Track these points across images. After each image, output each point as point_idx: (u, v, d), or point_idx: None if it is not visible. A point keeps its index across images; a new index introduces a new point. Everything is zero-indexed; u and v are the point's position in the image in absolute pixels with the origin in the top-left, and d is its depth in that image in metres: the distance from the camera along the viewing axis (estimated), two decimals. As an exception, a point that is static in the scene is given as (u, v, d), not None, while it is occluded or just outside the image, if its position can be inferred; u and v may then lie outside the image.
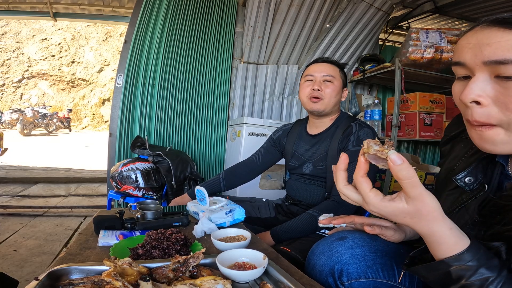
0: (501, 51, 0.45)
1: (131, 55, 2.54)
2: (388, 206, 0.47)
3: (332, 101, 1.28)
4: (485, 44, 0.47)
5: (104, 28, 16.60)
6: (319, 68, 1.30)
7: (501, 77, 0.46)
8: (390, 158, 0.44)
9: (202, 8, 2.80)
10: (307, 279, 0.67)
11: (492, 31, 0.47)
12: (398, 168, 0.43)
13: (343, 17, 2.97)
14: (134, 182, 2.01)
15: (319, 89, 1.26)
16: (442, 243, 0.47)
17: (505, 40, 0.45)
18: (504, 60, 0.45)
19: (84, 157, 7.23)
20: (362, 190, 0.49)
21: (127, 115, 2.52)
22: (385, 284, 0.70)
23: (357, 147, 1.19)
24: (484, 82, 0.48)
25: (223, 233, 0.90)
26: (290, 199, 1.41)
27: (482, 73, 0.48)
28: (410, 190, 0.44)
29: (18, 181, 4.38)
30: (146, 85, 2.60)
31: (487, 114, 0.48)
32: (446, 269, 0.47)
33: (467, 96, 0.49)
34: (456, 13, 3.15)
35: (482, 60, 0.47)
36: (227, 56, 2.88)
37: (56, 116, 12.77)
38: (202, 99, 2.80)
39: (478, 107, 0.49)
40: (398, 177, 0.44)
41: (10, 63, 15.22)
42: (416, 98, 2.62)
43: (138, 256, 0.73)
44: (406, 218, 0.47)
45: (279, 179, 2.55)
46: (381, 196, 0.48)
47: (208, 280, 0.57)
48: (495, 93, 0.47)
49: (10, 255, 1.93)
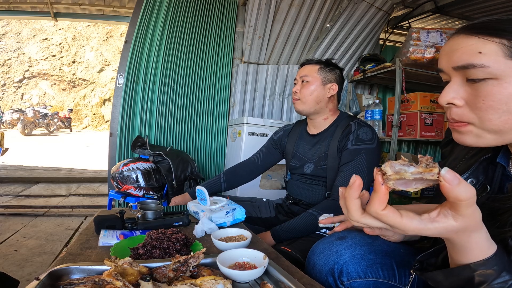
0: (465, 56, 0.50)
1: (132, 55, 2.54)
2: (431, 228, 0.41)
3: (310, 100, 1.30)
4: (454, 50, 0.52)
5: (104, 28, 16.62)
6: (299, 71, 1.38)
7: (470, 80, 0.51)
8: (445, 178, 0.37)
9: (202, 8, 2.80)
10: (308, 279, 0.67)
11: (460, 37, 0.52)
12: (457, 189, 0.37)
13: (343, 17, 2.97)
14: (135, 182, 2.01)
15: (296, 91, 1.34)
16: (475, 249, 0.44)
17: (469, 45, 0.50)
18: (467, 64, 0.49)
19: (84, 157, 7.24)
20: (391, 221, 0.42)
21: (127, 115, 2.53)
22: (385, 283, 0.70)
23: (356, 146, 1.20)
24: (458, 86, 0.53)
25: (223, 233, 0.90)
26: (290, 199, 1.41)
27: (456, 77, 0.53)
28: (464, 210, 0.39)
29: (19, 181, 4.38)
30: (146, 85, 2.60)
31: (460, 113, 0.53)
32: (470, 274, 0.44)
33: (442, 99, 0.54)
34: (457, 13, 3.14)
35: (452, 66, 0.52)
36: (227, 56, 2.89)
37: (57, 116, 12.78)
38: (202, 99, 2.80)
39: (454, 108, 0.54)
40: (457, 199, 0.38)
41: (11, 63, 15.24)
42: (417, 98, 2.62)
43: (138, 256, 0.73)
44: (450, 234, 0.43)
45: (280, 179, 2.55)
46: (418, 219, 0.42)
47: (209, 280, 0.57)
48: (467, 95, 0.52)
49: (11, 255, 1.93)
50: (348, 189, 0.45)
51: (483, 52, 0.48)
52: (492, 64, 0.48)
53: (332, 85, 1.33)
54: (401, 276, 0.72)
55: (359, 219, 0.45)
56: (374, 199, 0.42)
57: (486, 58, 0.48)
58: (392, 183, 0.40)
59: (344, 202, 0.46)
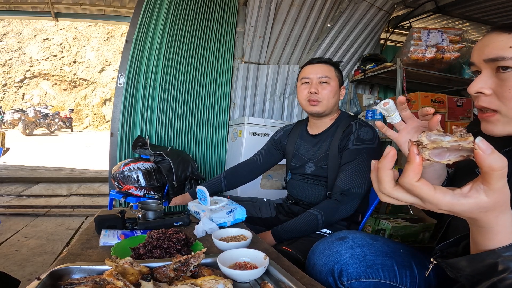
0: (495, 50, 0.56)
1: (133, 55, 2.54)
2: (464, 203, 0.41)
3: (331, 102, 1.28)
4: (485, 45, 0.58)
5: (105, 28, 16.62)
6: (314, 70, 1.29)
7: (499, 71, 0.56)
8: (480, 147, 0.37)
9: (203, 8, 2.80)
10: (308, 279, 0.67)
11: (491, 35, 0.58)
12: (491, 158, 0.37)
13: (344, 16, 2.97)
14: (136, 181, 2.01)
15: (316, 92, 1.26)
16: (501, 232, 0.43)
17: (499, 41, 0.56)
18: (498, 57, 0.56)
19: (85, 157, 7.25)
20: (425, 194, 0.41)
21: (128, 115, 2.53)
22: (385, 284, 0.70)
23: (357, 146, 1.20)
24: (487, 77, 0.59)
25: (224, 232, 0.90)
26: (291, 199, 1.41)
27: (486, 69, 0.59)
28: (496, 182, 0.39)
29: (20, 180, 4.39)
30: (147, 85, 2.60)
31: (488, 101, 0.59)
32: (495, 260, 0.44)
33: (471, 89, 0.60)
34: (458, 12, 3.14)
35: (483, 59, 0.58)
36: (228, 56, 2.89)
37: (57, 116, 12.78)
38: (203, 99, 2.81)
39: (482, 96, 0.60)
40: (490, 168, 0.38)
41: (12, 63, 15.26)
42: (418, 98, 2.61)
43: (139, 256, 0.73)
44: (481, 213, 0.42)
45: (280, 179, 2.55)
46: (451, 194, 0.41)
47: (209, 280, 0.57)
48: (495, 85, 0.58)
49: (12, 254, 1.93)
50: (382, 159, 0.43)
51: None
52: None
53: (343, 88, 1.35)
54: (402, 277, 0.71)
55: (391, 192, 0.44)
56: (408, 170, 0.41)
57: None
58: (428, 153, 0.39)
59: (376, 174, 0.45)
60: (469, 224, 0.47)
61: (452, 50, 2.55)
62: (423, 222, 2.19)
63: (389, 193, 0.44)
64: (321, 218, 1.13)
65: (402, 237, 2.08)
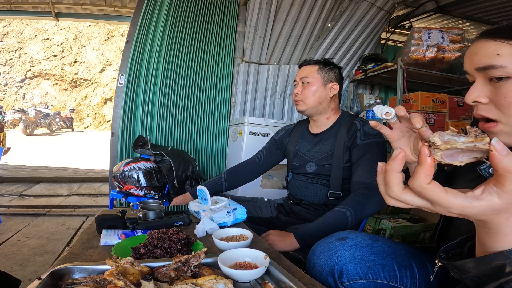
0: (484, 59, 0.55)
1: (133, 54, 2.54)
2: (476, 206, 0.39)
3: (311, 100, 1.30)
4: (474, 54, 0.57)
5: (106, 28, 16.63)
6: (299, 72, 1.37)
7: (492, 80, 0.55)
8: (496, 148, 0.36)
9: (203, 8, 2.80)
10: (309, 279, 0.67)
11: (480, 42, 0.57)
12: (506, 159, 0.36)
13: (344, 16, 2.97)
14: (136, 181, 2.01)
15: (297, 93, 1.33)
16: (510, 234, 0.42)
17: (487, 48, 0.55)
18: (487, 65, 0.54)
19: (86, 157, 7.25)
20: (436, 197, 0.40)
21: (129, 114, 2.53)
22: (386, 285, 0.69)
23: (365, 140, 1.20)
24: (482, 85, 0.57)
25: (224, 232, 0.90)
26: (292, 199, 1.41)
27: (480, 78, 0.58)
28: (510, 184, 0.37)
29: (20, 180, 4.40)
30: (148, 84, 2.60)
31: (487, 109, 0.57)
32: (503, 261, 0.43)
33: (467, 98, 0.59)
34: (458, 12, 3.13)
35: (474, 68, 0.57)
36: (228, 56, 2.89)
37: (58, 115, 12.81)
38: (203, 98, 2.81)
39: (480, 105, 0.58)
40: (505, 169, 0.36)
41: (13, 63, 15.28)
42: (418, 97, 2.61)
43: (140, 256, 0.73)
44: (492, 215, 0.40)
45: (281, 178, 2.55)
46: (463, 196, 0.39)
47: (210, 280, 0.57)
48: (490, 93, 0.57)
49: (13, 254, 1.94)
50: (390, 161, 0.42)
51: (501, 54, 0.53)
52: (509, 64, 0.52)
53: (333, 85, 1.33)
54: (402, 277, 0.71)
55: (399, 195, 0.42)
56: (418, 172, 0.39)
57: (504, 59, 0.53)
58: (440, 154, 0.38)
59: (384, 177, 0.43)
60: (476, 226, 0.46)
61: (453, 49, 2.55)
62: (424, 222, 2.19)
63: (397, 196, 0.42)
64: (351, 215, 1.06)
65: (402, 237, 2.08)
